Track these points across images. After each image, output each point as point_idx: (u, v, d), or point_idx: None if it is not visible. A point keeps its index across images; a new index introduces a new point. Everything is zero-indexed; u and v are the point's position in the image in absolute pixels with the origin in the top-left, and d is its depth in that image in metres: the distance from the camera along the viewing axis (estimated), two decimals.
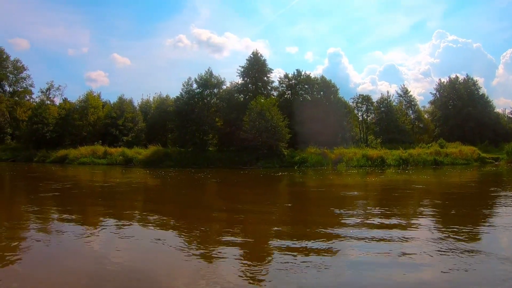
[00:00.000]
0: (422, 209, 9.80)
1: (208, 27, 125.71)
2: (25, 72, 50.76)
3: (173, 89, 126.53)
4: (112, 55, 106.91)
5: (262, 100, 35.94)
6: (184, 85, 37.90)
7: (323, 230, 6.80)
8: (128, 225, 7.83)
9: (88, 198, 13.17)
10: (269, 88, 40.73)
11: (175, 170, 28.51)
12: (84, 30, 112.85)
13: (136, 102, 46.81)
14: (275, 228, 7.20)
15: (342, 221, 7.75)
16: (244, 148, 35.57)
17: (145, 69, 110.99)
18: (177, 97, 38.64)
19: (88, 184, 18.87)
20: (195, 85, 38.00)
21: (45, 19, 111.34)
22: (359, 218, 7.96)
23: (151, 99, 47.16)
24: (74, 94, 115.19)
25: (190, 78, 37.93)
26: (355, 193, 13.93)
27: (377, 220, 7.76)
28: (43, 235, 7.09)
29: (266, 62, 40.32)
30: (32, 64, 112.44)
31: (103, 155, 36.24)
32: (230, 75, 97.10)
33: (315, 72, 69.84)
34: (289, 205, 11.13)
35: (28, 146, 40.76)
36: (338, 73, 78.09)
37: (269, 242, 6.22)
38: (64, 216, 8.91)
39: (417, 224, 7.59)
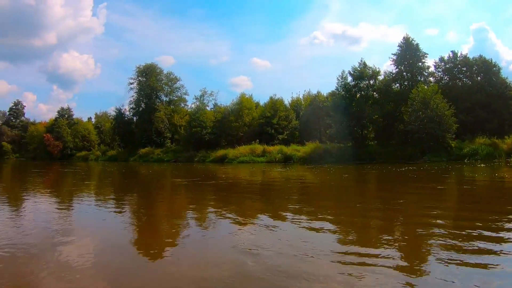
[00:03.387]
0: None
1: (341, 20, 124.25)
2: (178, 82, 56.40)
3: (316, 86, 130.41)
4: (252, 60, 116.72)
5: (424, 88, 33.29)
6: (338, 79, 36.94)
7: (487, 241, 5.44)
8: (281, 221, 7.57)
9: (247, 193, 13.44)
10: (425, 74, 37.31)
11: (336, 166, 27.97)
12: (223, 41, 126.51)
13: (286, 100, 47.28)
14: (435, 238, 5.84)
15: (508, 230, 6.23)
16: (406, 141, 33.60)
17: (285, 69, 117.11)
18: (333, 91, 38.07)
19: (248, 180, 19.17)
20: (350, 78, 36.75)
21: (185, 36, 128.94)
22: None
23: (301, 96, 47.62)
24: (220, 99, 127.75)
25: (344, 71, 36.82)
26: None
27: None
28: (199, 226, 7.49)
29: (419, 46, 36.92)
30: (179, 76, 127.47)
31: (261, 153, 37.56)
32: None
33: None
34: (455, 207, 9.39)
35: (187, 147, 44.74)
36: (486, 51, 69.82)
37: (427, 249, 5.30)
38: (220, 210, 9.11)
39: None
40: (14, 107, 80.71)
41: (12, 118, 79.77)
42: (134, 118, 56.21)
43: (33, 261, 4.98)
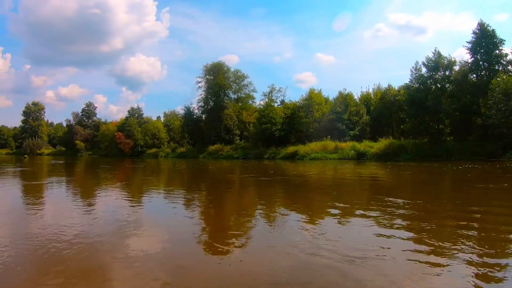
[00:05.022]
0: None
1: (404, 10, 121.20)
2: (246, 79, 58.14)
3: (383, 80, 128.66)
4: (316, 55, 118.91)
5: (504, 78, 31.65)
6: (412, 71, 36.13)
7: None
8: (348, 221, 7.57)
9: (317, 192, 13.36)
10: (503, 63, 35.08)
11: (413, 163, 27.43)
12: (285, 38, 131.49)
13: (356, 95, 46.31)
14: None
15: None
16: (485, 137, 32.32)
17: (350, 63, 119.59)
18: (407, 84, 37.18)
19: (319, 178, 19.01)
20: (424, 69, 35.79)
21: (247, 35, 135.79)
22: None
23: (370, 90, 46.91)
24: (287, 96, 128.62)
25: (417, 63, 35.92)
26: None
27: None
28: (264, 222, 7.69)
29: (496, 32, 34.64)
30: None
31: (334, 150, 37.70)
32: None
33: None
34: None
35: (257, 144, 45.92)
36: None
37: (503, 258, 5.00)
38: (288, 207, 9.30)
39: None
40: (86, 108, 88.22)
41: (84, 118, 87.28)
42: (203, 116, 58.51)
43: (102, 249, 5.45)
